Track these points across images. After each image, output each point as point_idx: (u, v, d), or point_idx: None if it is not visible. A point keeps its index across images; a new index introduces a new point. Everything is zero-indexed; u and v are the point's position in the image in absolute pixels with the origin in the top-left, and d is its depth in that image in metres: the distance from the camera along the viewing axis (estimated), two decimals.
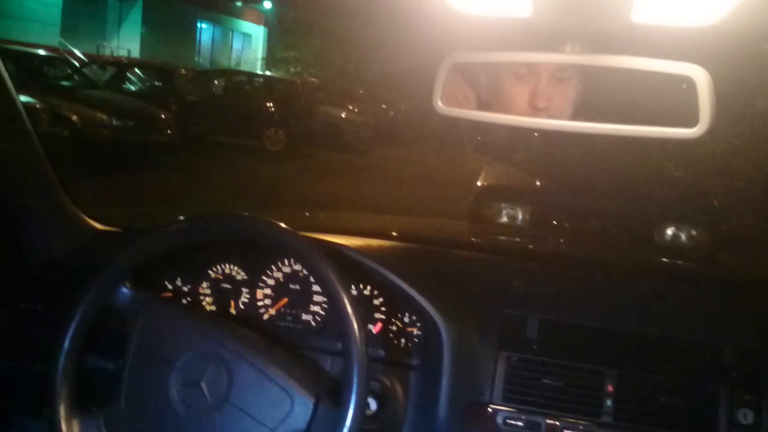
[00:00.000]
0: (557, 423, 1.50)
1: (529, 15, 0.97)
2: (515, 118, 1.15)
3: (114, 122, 10.56)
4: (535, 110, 1.30)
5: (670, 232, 4.93)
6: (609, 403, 1.50)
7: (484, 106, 1.36)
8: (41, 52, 12.52)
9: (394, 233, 1.91)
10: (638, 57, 1.01)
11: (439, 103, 1.16)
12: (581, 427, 1.49)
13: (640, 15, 0.95)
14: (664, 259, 2.71)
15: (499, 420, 1.53)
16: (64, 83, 11.70)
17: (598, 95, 1.15)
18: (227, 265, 1.77)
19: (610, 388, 1.51)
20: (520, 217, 5.24)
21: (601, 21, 0.97)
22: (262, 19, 29.82)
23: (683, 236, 4.91)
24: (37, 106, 8.73)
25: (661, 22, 0.97)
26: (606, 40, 1.02)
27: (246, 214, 1.46)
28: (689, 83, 0.99)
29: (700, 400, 1.50)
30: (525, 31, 1.08)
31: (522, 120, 1.15)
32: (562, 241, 4.35)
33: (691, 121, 1.01)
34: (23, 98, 1.75)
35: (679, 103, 1.01)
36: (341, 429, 1.26)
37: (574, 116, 1.28)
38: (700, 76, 0.99)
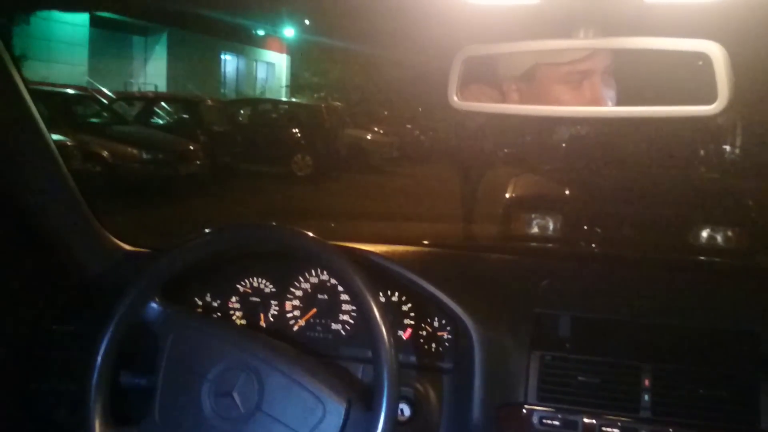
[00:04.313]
0: (594, 421, 1.47)
1: (538, 1, 0.97)
2: (533, 107, 1.14)
3: (144, 156, 10.76)
4: None
5: (705, 233, 4.86)
6: (646, 397, 1.47)
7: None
8: (70, 91, 12.75)
9: (420, 239, 1.90)
10: (652, 37, 1.00)
11: (455, 98, 1.16)
12: (619, 424, 1.46)
13: None
14: (700, 257, 2.68)
15: (535, 420, 1.50)
16: (94, 120, 11.93)
17: (615, 79, 1.14)
18: (255, 279, 1.78)
19: (646, 382, 1.48)
20: (551, 226, 5.21)
21: (612, 2, 0.96)
22: (285, 47, 30.15)
23: (719, 237, 4.84)
24: (68, 143, 8.88)
25: None
26: (619, 21, 1.01)
27: (272, 223, 1.47)
28: (705, 60, 0.98)
29: (740, 390, 1.46)
30: (538, 20, 1.08)
31: (540, 109, 1.14)
32: (594, 245, 4.31)
33: (709, 98, 0.99)
34: (54, 136, 1.80)
35: (697, 81, 0.99)
36: None
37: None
38: (716, 52, 0.98)
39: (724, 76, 0.97)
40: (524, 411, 1.51)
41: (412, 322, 1.69)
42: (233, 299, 1.78)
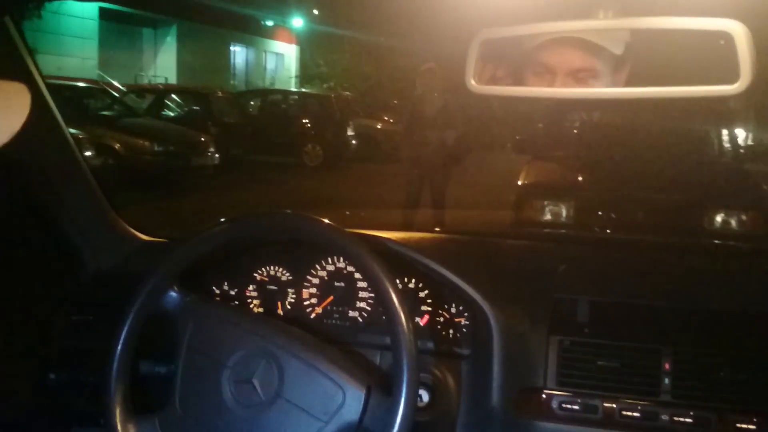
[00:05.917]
0: (614, 405, 1.47)
1: None
2: (551, 90, 1.13)
3: (156, 148, 10.82)
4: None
5: (719, 217, 4.84)
6: (667, 381, 1.46)
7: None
8: (81, 84, 12.78)
9: (436, 226, 1.90)
10: (673, 17, 0.99)
11: (472, 82, 1.15)
12: (639, 408, 1.45)
13: None
14: (716, 241, 2.67)
15: (555, 405, 1.50)
16: (105, 113, 11.96)
17: (636, 60, 1.13)
18: (272, 267, 1.78)
19: (666, 366, 1.47)
20: (564, 213, 5.21)
21: None
22: (294, 38, 30.08)
23: (733, 221, 4.82)
24: (80, 136, 8.90)
25: None
26: (638, 1, 1.00)
27: (289, 211, 1.46)
28: (727, 39, 0.97)
29: (760, 373, 1.45)
30: (555, 1, 1.07)
31: (558, 91, 1.13)
32: (609, 231, 4.30)
33: (731, 77, 0.98)
34: None
35: (718, 61, 0.98)
36: (394, 418, 1.25)
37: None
38: (738, 31, 0.96)
39: (747, 55, 0.95)
40: (544, 396, 1.51)
41: (430, 309, 1.69)
42: (250, 287, 1.79)
